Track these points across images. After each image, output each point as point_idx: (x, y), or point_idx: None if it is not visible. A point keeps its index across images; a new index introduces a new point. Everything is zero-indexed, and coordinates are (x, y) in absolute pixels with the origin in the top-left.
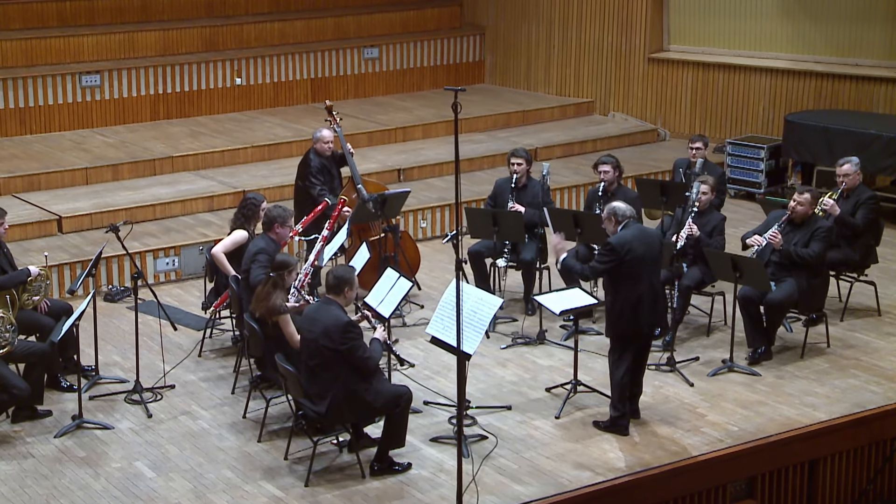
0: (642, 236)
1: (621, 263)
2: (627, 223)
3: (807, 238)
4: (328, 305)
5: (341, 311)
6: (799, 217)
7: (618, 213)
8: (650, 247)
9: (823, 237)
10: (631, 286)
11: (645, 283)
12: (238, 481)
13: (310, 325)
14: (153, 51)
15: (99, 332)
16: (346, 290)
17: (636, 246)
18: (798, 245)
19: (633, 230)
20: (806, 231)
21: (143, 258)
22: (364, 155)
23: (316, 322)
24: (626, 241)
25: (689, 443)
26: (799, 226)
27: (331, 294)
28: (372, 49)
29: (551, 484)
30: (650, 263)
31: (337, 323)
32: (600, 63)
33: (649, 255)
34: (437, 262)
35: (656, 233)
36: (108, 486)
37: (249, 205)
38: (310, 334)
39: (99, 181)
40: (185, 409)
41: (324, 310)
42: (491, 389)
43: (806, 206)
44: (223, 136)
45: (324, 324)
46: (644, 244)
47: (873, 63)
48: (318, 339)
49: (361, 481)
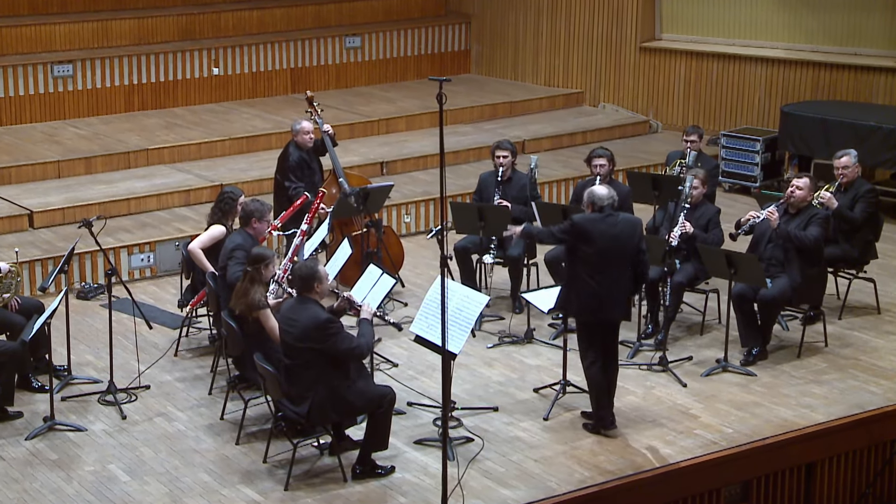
0: (612, 228)
1: (575, 246)
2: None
3: (804, 224)
4: (304, 304)
5: (318, 309)
6: (796, 203)
7: (595, 202)
8: (615, 241)
9: (821, 223)
10: (582, 274)
11: (599, 277)
12: (215, 485)
13: (288, 325)
14: (128, 40)
15: (71, 330)
16: (315, 285)
17: (596, 237)
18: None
19: (603, 218)
20: (803, 218)
21: (118, 254)
22: (346, 147)
23: (294, 322)
24: (585, 226)
25: (682, 445)
26: (795, 214)
27: (303, 293)
28: (354, 38)
29: (539, 488)
30: (614, 257)
31: (315, 322)
32: (590, 52)
33: (615, 247)
34: (422, 259)
35: (631, 223)
36: (80, 490)
37: (227, 199)
38: (288, 335)
39: (71, 174)
40: (161, 410)
41: (300, 309)
42: (477, 390)
43: (805, 191)
44: (200, 127)
45: (302, 324)
46: (609, 238)
47: (873, 52)
48: (297, 340)
49: (343, 485)
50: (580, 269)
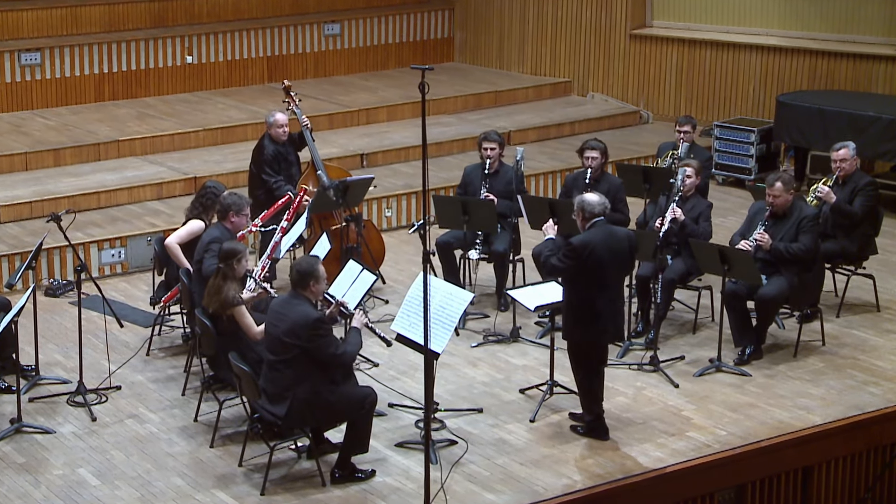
0: (609, 240)
1: (581, 266)
2: (597, 222)
3: (793, 231)
4: (295, 300)
5: (309, 307)
6: (779, 208)
7: (586, 209)
8: (617, 253)
9: (811, 227)
10: (590, 291)
11: (606, 291)
12: (189, 489)
13: (275, 320)
14: (98, 27)
15: (39, 328)
16: (310, 283)
17: (600, 250)
18: (785, 239)
19: (601, 232)
20: (790, 223)
21: (87, 249)
22: (324, 139)
23: (282, 318)
24: (588, 243)
25: (674, 448)
26: (782, 217)
27: (297, 289)
28: (333, 25)
29: (525, 492)
30: (615, 270)
31: (305, 320)
32: (578, 40)
33: (615, 261)
34: (403, 254)
35: (626, 236)
36: (49, 494)
37: (209, 194)
38: (274, 329)
39: (39, 167)
40: (132, 411)
41: (291, 305)
42: (461, 391)
43: (782, 196)
44: (173, 118)
45: (291, 320)
46: (610, 249)
47: (871, 39)
48: (282, 335)
49: (322, 490)
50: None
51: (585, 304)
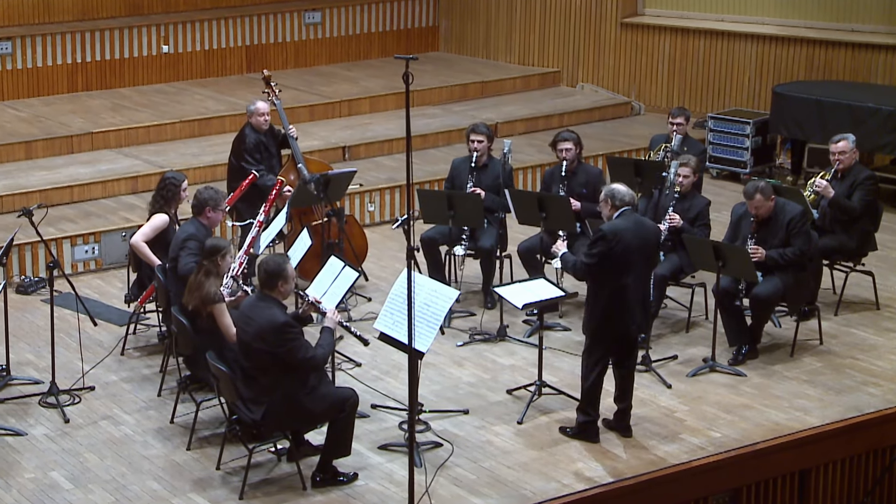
0: (637, 228)
1: (610, 254)
2: (625, 211)
3: (783, 234)
4: (263, 302)
5: (278, 310)
6: (763, 216)
7: (615, 197)
8: (645, 241)
9: (801, 227)
10: (620, 282)
11: (635, 281)
12: (165, 493)
13: (244, 324)
14: (71, 15)
15: (10, 327)
16: (279, 284)
17: (629, 238)
18: (776, 244)
19: (630, 220)
20: (778, 226)
21: (60, 245)
22: (305, 131)
23: (250, 322)
24: (619, 230)
25: (667, 450)
26: (768, 220)
27: (265, 290)
28: (314, 13)
29: (513, 496)
30: (643, 259)
31: (272, 324)
32: (568, 28)
33: (643, 250)
34: (387, 250)
35: (654, 226)
36: (20, 498)
37: (169, 185)
38: (245, 335)
39: (10, 160)
40: (107, 413)
41: (258, 308)
42: (446, 391)
43: (764, 206)
44: (148, 109)
45: (258, 324)
46: (639, 238)
47: (871, 28)
48: (252, 341)
49: (302, 494)
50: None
51: (619, 294)
